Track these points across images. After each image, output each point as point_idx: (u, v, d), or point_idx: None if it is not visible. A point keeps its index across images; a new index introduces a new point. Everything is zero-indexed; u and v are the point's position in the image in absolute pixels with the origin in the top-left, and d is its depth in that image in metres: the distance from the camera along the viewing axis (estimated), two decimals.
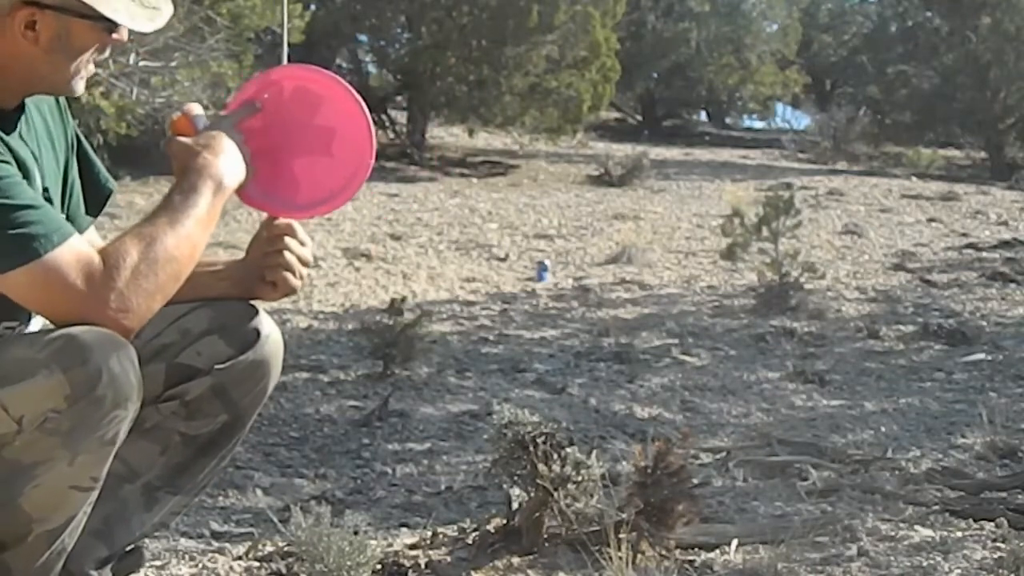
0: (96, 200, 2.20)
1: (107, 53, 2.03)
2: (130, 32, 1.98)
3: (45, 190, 2.01)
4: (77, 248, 1.87)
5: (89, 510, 1.91)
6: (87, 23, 1.91)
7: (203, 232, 1.94)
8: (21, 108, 2.00)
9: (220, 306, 2.09)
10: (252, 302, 2.13)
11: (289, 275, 2.09)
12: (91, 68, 2.00)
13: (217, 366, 2.06)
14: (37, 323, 2.00)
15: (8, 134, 1.94)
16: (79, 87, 2.00)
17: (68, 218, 2.11)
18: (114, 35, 1.97)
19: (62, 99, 2.15)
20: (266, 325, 2.11)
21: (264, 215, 2.16)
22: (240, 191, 2.03)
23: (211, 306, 2.08)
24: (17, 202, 1.83)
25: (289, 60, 2.12)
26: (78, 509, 1.89)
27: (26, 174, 1.93)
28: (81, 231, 2.15)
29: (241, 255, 2.18)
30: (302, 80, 2.11)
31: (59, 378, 1.79)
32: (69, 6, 1.89)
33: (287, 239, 2.10)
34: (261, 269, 2.11)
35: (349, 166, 2.11)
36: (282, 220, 2.13)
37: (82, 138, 2.20)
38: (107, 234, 2.27)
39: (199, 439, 2.10)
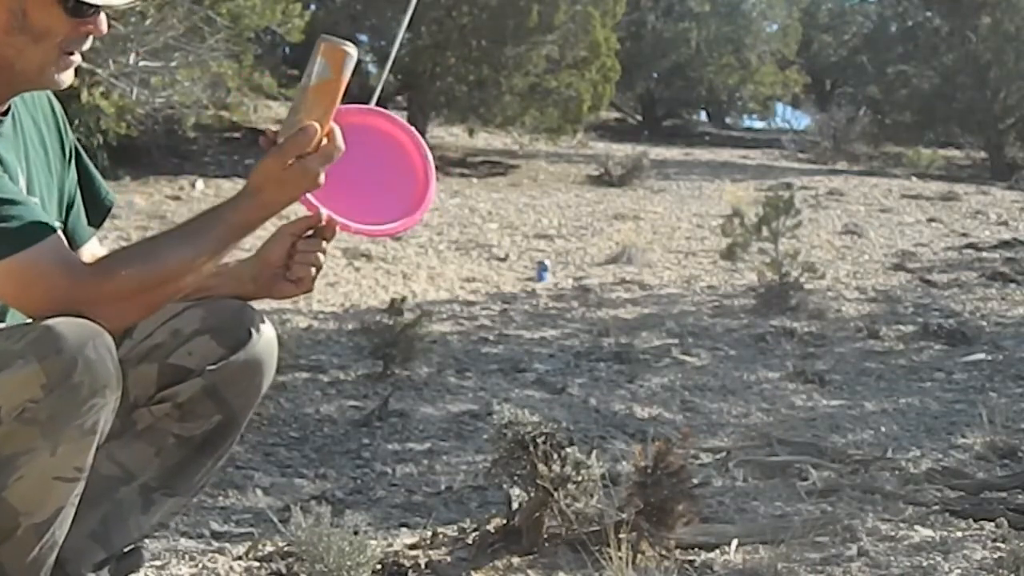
0: (96, 213, 2.20)
1: (88, 43, 1.97)
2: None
3: (30, 195, 1.98)
4: (58, 247, 1.86)
5: (76, 502, 1.91)
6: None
7: (210, 262, 1.94)
8: (7, 112, 1.98)
9: (211, 306, 2.07)
10: (245, 300, 2.11)
11: (314, 271, 2.06)
12: (74, 59, 1.94)
13: (209, 367, 2.05)
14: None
15: None
16: (61, 79, 1.95)
17: (68, 229, 2.11)
18: (88, 24, 1.92)
19: (59, 111, 2.13)
20: (258, 324, 2.09)
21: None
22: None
23: (202, 306, 2.06)
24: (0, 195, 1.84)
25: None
26: (65, 501, 1.88)
27: (9, 174, 1.92)
28: (82, 242, 2.15)
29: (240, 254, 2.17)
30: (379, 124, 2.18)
31: (34, 367, 1.78)
32: None
33: (323, 242, 2.06)
34: (282, 266, 2.06)
35: (411, 190, 2.17)
36: (322, 220, 2.10)
37: (82, 152, 2.18)
38: (107, 234, 2.27)
39: (193, 440, 2.09)
